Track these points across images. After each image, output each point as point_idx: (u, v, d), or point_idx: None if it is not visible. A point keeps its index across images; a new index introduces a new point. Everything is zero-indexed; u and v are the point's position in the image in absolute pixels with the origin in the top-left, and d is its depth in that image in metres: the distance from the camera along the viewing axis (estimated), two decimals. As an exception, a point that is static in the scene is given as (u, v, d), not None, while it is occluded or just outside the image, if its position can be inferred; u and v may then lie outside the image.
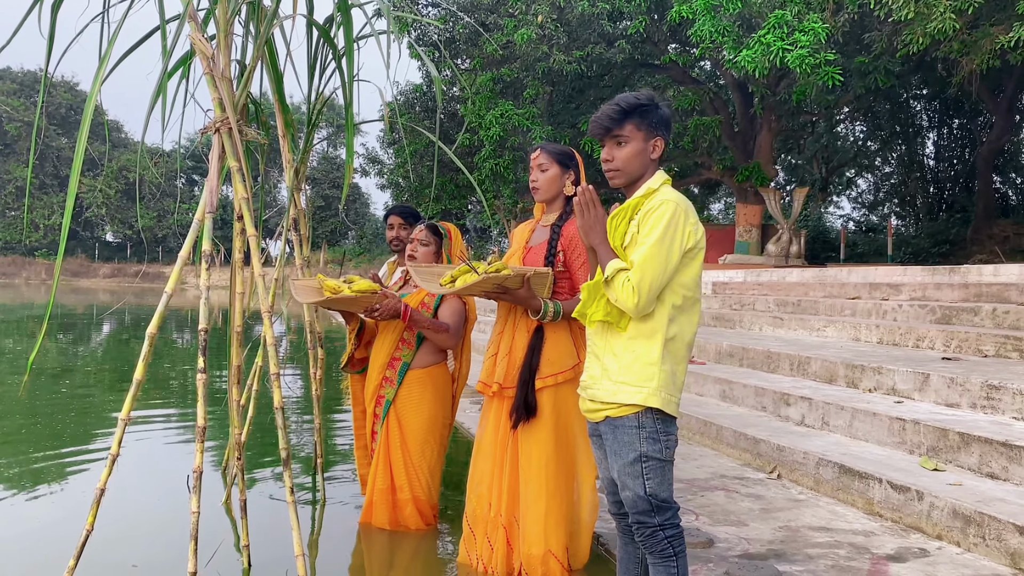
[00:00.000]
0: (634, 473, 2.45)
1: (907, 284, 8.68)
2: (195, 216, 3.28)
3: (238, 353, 3.45)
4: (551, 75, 17.94)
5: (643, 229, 2.40)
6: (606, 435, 2.53)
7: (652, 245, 2.36)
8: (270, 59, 3.83)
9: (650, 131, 2.50)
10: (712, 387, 6.45)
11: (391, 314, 3.66)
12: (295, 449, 5.90)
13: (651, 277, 2.35)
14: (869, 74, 14.85)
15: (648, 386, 2.42)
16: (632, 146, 2.50)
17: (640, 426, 2.44)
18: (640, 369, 2.43)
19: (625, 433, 2.46)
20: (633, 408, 2.44)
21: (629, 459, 2.45)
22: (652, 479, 2.45)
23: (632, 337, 2.45)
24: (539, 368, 3.28)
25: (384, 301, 3.62)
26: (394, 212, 4.58)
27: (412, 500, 3.90)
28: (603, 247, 2.47)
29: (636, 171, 2.52)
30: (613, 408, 2.47)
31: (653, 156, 2.51)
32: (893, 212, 30.54)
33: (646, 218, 2.40)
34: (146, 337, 3.10)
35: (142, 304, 27.55)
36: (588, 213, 2.48)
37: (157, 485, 4.85)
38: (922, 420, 4.37)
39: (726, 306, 11.08)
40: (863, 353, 6.32)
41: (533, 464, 3.28)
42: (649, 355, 2.43)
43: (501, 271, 3.03)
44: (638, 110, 2.49)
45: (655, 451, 2.45)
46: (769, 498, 4.28)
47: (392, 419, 3.90)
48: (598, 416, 2.54)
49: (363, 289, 3.59)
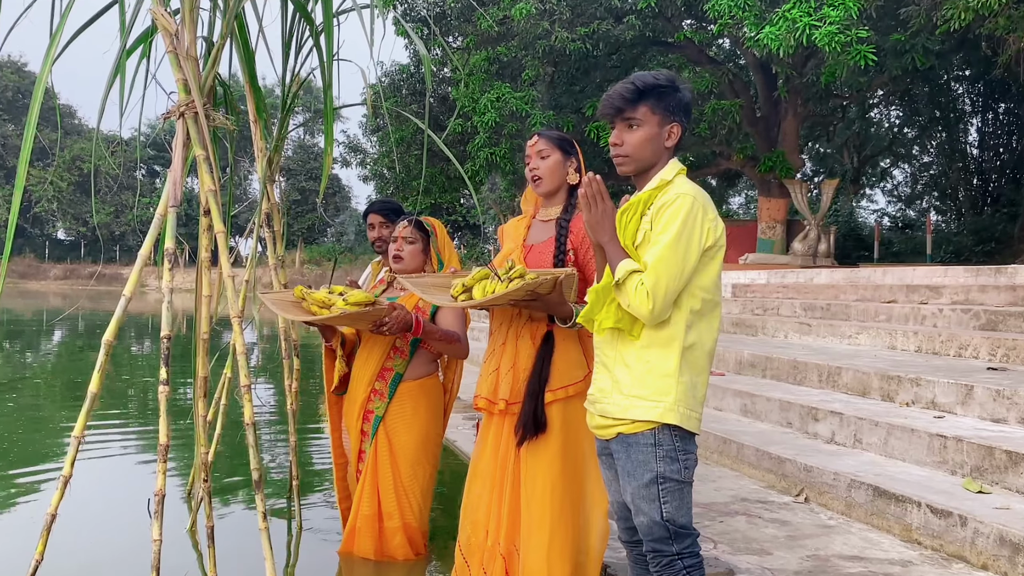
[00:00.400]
0: (650, 496, 2.44)
1: (948, 286, 8.70)
2: (157, 211, 3.28)
3: (204, 363, 3.45)
4: (553, 54, 17.93)
5: (657, 226, 2.38)
6: (618, 454, 2.51)
7: (667, 245, 2.34)
8: (240, 36, 3.83)
9: (666, 115, 2.48)
10: (732, 400, 6.45)
11: (403, 328, 3.58)
12: (268, 470, 5.89)
13: (667, 280, 2.33)
14: (906, 53, 14.87)
15: (664, 400, 2.40)
16: (645, 130, 2.48)
17: (656, 444, 2.43)
18: (655, 381, 2.41)
19: (640, 452, 2.44)
20: (648, 424, 2.43)
21: (644, 480, 2.44)
22: (670, 503, 2.43)
23: (646, 346, 2.43)
24: (550, 380, 3.26)
25: (393, 314, 3.53)
26: (373, 209, 4.51)
27: (402, 528, 3.87)
28: (612, 245, 2.45)
29: (648, 159, 2.50)
30: (626, 424, 2.46)
31: (668, 143, 2.50)
32: (932, 206, 30.62)
33: (660, 214, 2.38)
34: (102, 345, 3.10)
35: (97, 309, 27.52)
36: (596, 207, 2.45)
37: (115, 510, 4.84)
38: (965, 437, 4.38)
39: (747, 311, 11.09)
40: (900, 363, 6.32)
41: (538, 487, 3.25)
42: (665, 366, 2.41)
43: (525, 275, 2.97)
44: (655, 91, 2.47)
45: (673, 471, 2.43)
46: (795, 524, 4.28)
47: (382, 437, 3.87)
48: (609, 433, 2.53)
49: (359, 301, 3.46)
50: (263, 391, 9.88)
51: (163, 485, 3.02)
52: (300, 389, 4.66)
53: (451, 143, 21.44)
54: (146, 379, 10.91)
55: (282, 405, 6.73)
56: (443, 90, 23.87)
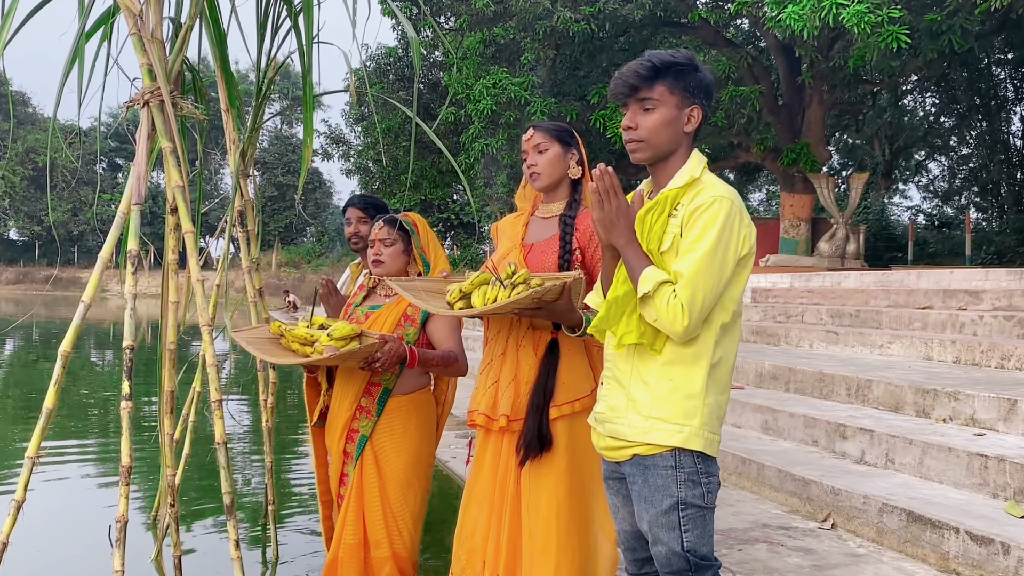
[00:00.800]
0: (669, 524, 2.41)
1: (989, 290, 8.72)
2: (119, 209, 3.28)
3: (171, 376, 3.45)
4: (554, 36, 17.96)
5: (690, 232, 2.33)
6: (633, 478, 2.48)
7: (705, 255, 2.29)
8: (211, 16, 3.83)
9: (686, 97, 2.45)
10: (752, 416, 6.46)
11: (396, 362, 3.56)
12: (242, 493, 5.89)
13: (703, 294, 2.29)
14: (942, 34, 14.90)
15: (690, 424, 2.38)
16: (662, 112, 2.44)
17: (677, 466, 2.40)
18: (679, 403, 2.39)
19: (659, 475, 2.42)
20: (668, 446, 2.40)
21: (664, 507, 2.41)
22: (691, 531, 2.41)
23: (670, 362, 2.40)
24: (554, 394, 3.25)
25: (385, 348, 3.50)
26: (352, 204, 4.52)
27: (391, 558, 3.84)
28: (631, 248, 2.39)
29: (665, 145, 2.46)
30: (641, 446, 2.44)
31: (687, 128, 2.46)
32: (972, 203, 30.70)
33: (694, 218, 2.34)
34: (59, 357, 3.10)
35: (53, 316, 27.51)
36: (609, 203, 2.39)
37: (73, 537, 4.84)
38: (1008, 456, 4.38)
39: (769, 317, 11.10)
40: (936, 375, 6.33)
41: (542, 511, 3.23)
42: (691, 385, 2.39)
43: (530, 280, 2.95)
44: (673, 69, 2.43)
45: (695, 497, 2.41)
46: (821, 552, 4.29)
47: (368, 458, 3.84)
48: (622, 455, 2.50)
49: (345, 335, 3.40)
50: (236, 406, 9.88)
51: (126, 510, 3.02)
52: (277, 404, 4.65)
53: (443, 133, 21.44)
54: (107, 393, 10.90)
55: (257, 422, 6.73)
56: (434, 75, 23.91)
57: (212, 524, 5.10)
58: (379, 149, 23.82)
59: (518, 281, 2.92)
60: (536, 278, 2.97)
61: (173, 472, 3.48)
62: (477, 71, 18.13)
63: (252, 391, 8.67)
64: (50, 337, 20.12)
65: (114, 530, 3.02)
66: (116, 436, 6.38)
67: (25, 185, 54.89)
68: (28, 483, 3.07)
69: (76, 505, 5.66)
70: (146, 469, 6.19)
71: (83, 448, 7.51)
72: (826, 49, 17.48)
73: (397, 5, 18.56)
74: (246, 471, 6.74)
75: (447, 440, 7.03)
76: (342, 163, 42.09)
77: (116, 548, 2.99)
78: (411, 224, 3.89)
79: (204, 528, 5.04)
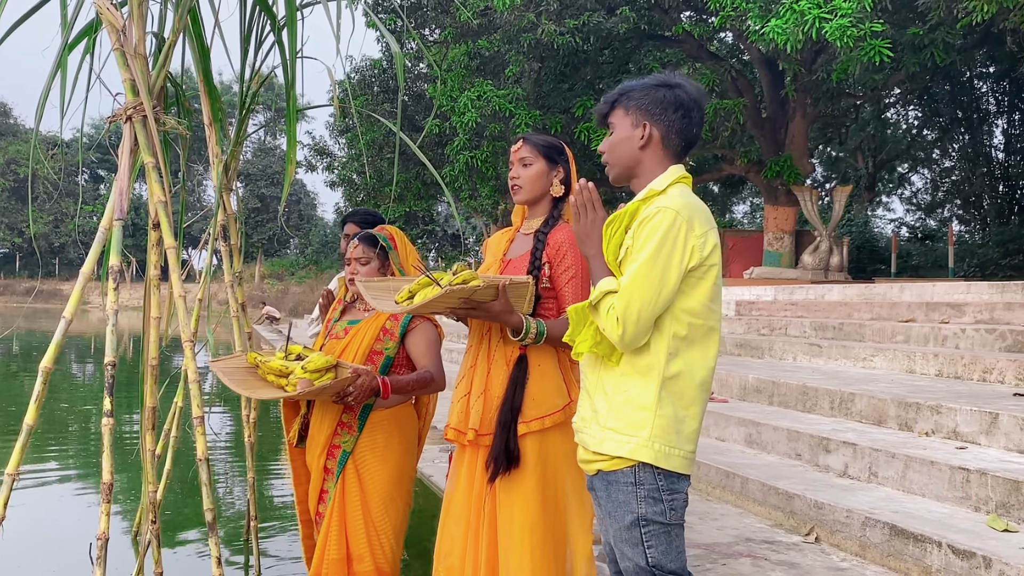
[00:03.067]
0: (632, 540, 2.44)
1: (971, 304, 8.77)
2: (101, 223, 3.27)
3: (152, 392, 3.44)
4: (539, 49, 18.00)
5: (636, 243, 2.40)
6: (597, 493, 2.53)
7: (641, 265, 2.35)
8: (194, 31, 3.84)
9: (639, 116, 2.55)
10: (736, 430, 6.48)
11: (369, 394, 3.57)
12: (224, 509, 5.87)
13: (639, 305, 2.34)
14: (924, 48, 15.02)
15: (638, 435, 2.40)
16: (617, 133, 2.59)
17: (637, 483, 2.43)
18: (630, 413, 2.42)
19: (619, 491, 2.45)
20: (627, 461, 2.42)
21: (625, 523, 2.44)
22: (655, 547, 2.43)
23: (625, 374, 2.45)
24: (522, 409, 3.25)
25: (357, 382, 3.51)
26: (351, 219, 4.61)
27: (374, 572, 3.84)
28: (597, 260, 2.50)
29: (623, 161, 2.58)
30: (605, 460, 2.46)
31: (640, 144, 2.54)
32: (955, 215, 30.90)
33: (640, 229, 2.40)
34: (39, 373, 3.09)
35: (34, 329, 27.34)
36: (585, 216, 2.51)
37: (54, 555, 4.81)
38: (990, 470, 4.41)
39: (752, 330, 11.14)
40: (919, 388, 6.37)
41: (515, 528, 3.23)
42: (643, 397, 2.42)
43: (470, 281, 2.97)
44: (628, 93, 2.58)
45: (656, 513, 2.42)
46: (805, 567, 4.30)
47: (350, 473, 3.83)
48: (590, 469, 2.54)
49: (320, 367, 3.44)
50: (218, 421, 9.84)
51: (107, 527, 3.01)
52: (260, 419, 4.65)
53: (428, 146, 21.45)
54: (88, 408, 10.84)
55: (239, 436, 6.71)
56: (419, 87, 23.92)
57: (194, 540, 5.07)
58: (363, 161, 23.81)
59: (456, 282, 2.94)
60: (477, 279, 3.00)
61: (155, 489, 3.46)
62: (462, 83, 18.16)
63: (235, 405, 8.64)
64: (31, 350, 20.00)
65: (95, 547, 3.00)
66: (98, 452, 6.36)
67: (6, 196, 54.60)
68: (8, 500, 3.05)
69: (57, 522, 5.63)
70: (128, 485, 6.16)
71: (65, 463, 7.47)
72: (809, 62, 17.59)
73: (381, 18, 18.59)
74: (229, 485, 6.72)
75: (430, 454, 7.03)
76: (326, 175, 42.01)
77: (97, 566, 2.98)
78: (388, 240, 3.89)
79: (186, 545, 5.02)
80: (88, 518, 5.43)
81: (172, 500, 5.50)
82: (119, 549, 4.56)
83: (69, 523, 5.58)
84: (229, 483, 6.82)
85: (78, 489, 6.61)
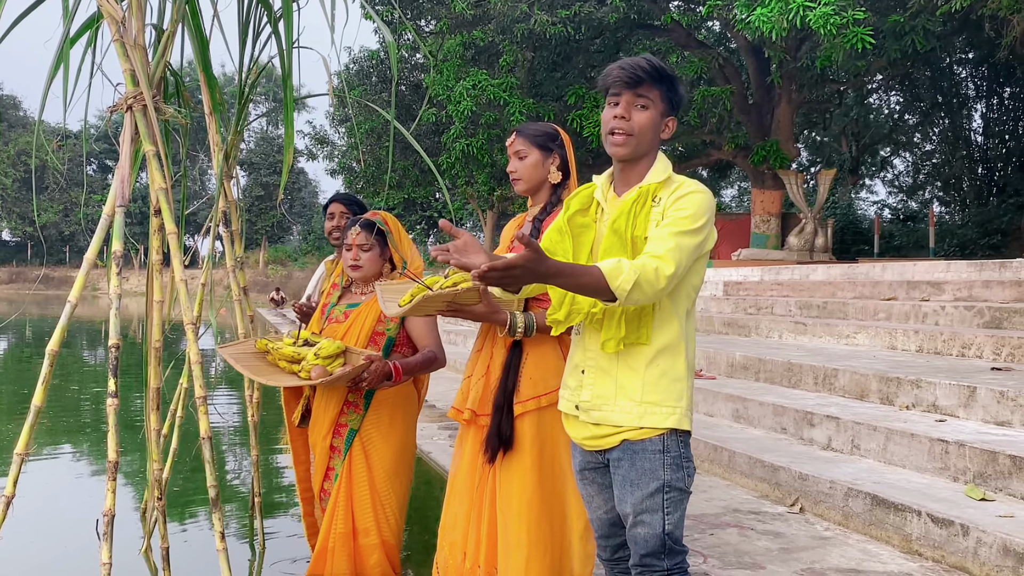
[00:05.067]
0: (654, 506, 2.45)
1: (951, 282, 8.78)
2: (104, 210, 3.26)
3: (157, 373, 3.44)
4: (532, 39, 17.93)
5: (680, 212, 2.37)
6: (620, 463, 2.50)
7: (690, 231, 2.35)
8: (193, 22, 3.81)
9: (669, 107, 2.53)
10: (723, 405, 6.49)
11: (382, 380, 3.61)
12: (232, 487, 5.88)
13: (685, 262, 2.33)
14: (905, 35, 14.97)
15: (680, 405, 2.45)
16: (652, 114, 2.47)
17: (665, 450, 2.45)
18: (669, 386, 2.45)
19: (647, 459, 2.46)
20: (658, 430, 2.45)
21: (650, 489, 2.45)
22: (672, 513, 2.46)
23: (659, 350, 2.45)
24: (519, 390, 3.27)
25: (371, 368, 3.52)
26: (337, 199, 4.64)
27: (380, 545, 3.86)
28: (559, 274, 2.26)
29: (645, 144, 2.50)
30: (634, 431, 2.46)
31: (664, 135, 2.54)
32: (935, 197, 30.92)
33: (679, 202, 2.39)
34: (46, 356, 3.08)
35: (46, 315, 27.29)
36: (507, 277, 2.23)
37: (62, 531, 4.81)
38: (968, 442, 4.42)
39: (740, 310, 11.15)
40: (899, 364, 6.38)
41: (513, 505, 3.25)
42: (677, 369, 2.46)
43: (459, 284, 2.97)
44: (669, 79, 2.50)
45: (678, 480, 2.46)
46: (790, 536, 4.32)
47: (357, 451, 3.86)
48: (610, 441, 2.51)
49: (331, 353, 3.48)
50: (224, 402, 9.84)
51: (113, 504, 3.00)
52: (264, 400, 4.65)
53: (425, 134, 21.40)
54: (97, 389, 10.84)
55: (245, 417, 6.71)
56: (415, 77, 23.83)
57: (199, 517, 5.08)
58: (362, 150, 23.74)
59: (447, 285, 2.92)
60: (465, 283, 2.93)
61: (160, 467, 3.46)
62: (457, 73, 18.10)
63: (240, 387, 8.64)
64: (42, 335, 19.97)
65: (102, 524, 3.00)
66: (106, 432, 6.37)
67: (16, 187, 54.38)
68: (17, 479, 3.05)
69: (66, 499, 5.63)
70: (138, 464, 6.15)
71: (75, 443, 7.47)
72: (794, 50, 17.55)
73: (377, 10, 18.49)
74: (235, 465, 6.72)
75: (430, 432, 7.04)
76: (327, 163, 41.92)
77: (104, 541, 2.98)
78: (385, 224, 3.89)
79: (192, 521, 5.03)
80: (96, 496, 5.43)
81: (179, 478, 5.51)
82: (128, 525, 4.57)
83: (80, 501, 5.58)
84: (238, 461, 6.82)
85: (88, 467, 6.62)
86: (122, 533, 3.48)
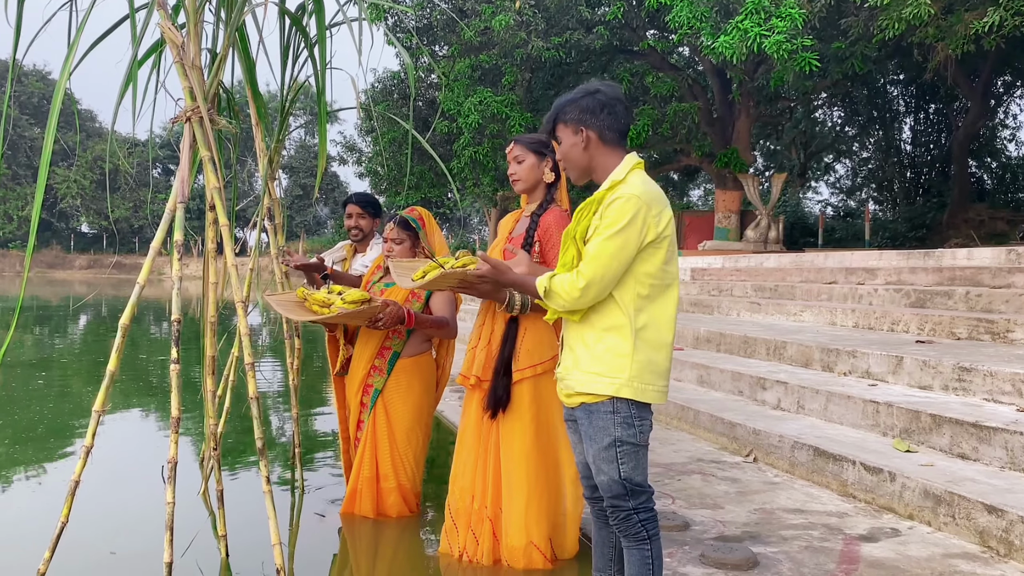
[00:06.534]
0: (608, 458, 2.49)
1: (883, 268, 8.78)
2: (167, 206, 3.26)
3: (212, 343, 3.45)
4: (529, 61, 17.85)
5: (603, 223, 2.40)
6: (581, 420, 2.56)
7: (607, 238, 2.38)
8: (242, 47, 3.80)
9: (575, 124, 2.56)
10: (690, 372, 6.50)
11: (396, 321, 3.64)
12: (277, 442, 5.90)
13: (603, 270, 2.38)
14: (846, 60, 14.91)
15: (620, 377, 2.44)
16: (564, 142, 2.59)
17: (615, 411, 2.47)
18: (611, 360, 2.45)
19: (600, 419, 2.49)
20: (603, 396, 2.47)
21: (604, 444, 2.49)
22: (626, 463, 2.48)
23: (605, 329, 2.47)
24: (517, 359, 3.30)
25: (387, 310, 3.58)
26: (352, 200, 4.66)
27: (397, 488, 3.93)
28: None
29: (577, 163, 2.58)
30: (588, 396, 2.50)
31: (583, 147, 2.54)
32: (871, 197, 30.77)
33: (607, 211, 2.40)
34: (119, 329, 3.09)
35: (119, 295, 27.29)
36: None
37: (133, 476, 4.83)
38: (895, 403, 4.44)
39: (704, 292, 11.15)
40: (839, 337, 6.38)
41: (514, 456, 3.31)
42: (621, 347, 2.45)
43: (468, 266, 2.99)
44: (560, 110, 2.60)
45: (629, 436, 2.48)
46: (745, 481, 4.33)
47: (380, 408, 3.92)
48: (573, 402, 2.57)
49: (356, 299, 3.51)
50: (269, 368, 9.86)
51: (175, 453, 3.02)
52: (302, 367, 4.66)
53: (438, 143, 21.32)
54: (161, 357, 10.85)
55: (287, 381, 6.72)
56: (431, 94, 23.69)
57: (249, 465, 5.10)
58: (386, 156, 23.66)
59: (456, 266, 2.94)
60: (473, 264, 2.96)
61: (215, 422, 3.48)
62: (466, 91, 18.04)
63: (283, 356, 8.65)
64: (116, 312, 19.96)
65: (166, 470, 3.02)
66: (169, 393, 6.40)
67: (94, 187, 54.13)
68: (95, 432, 3.06)
69: (136, 450, 5.65)
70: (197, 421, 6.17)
71: (143, 403, 7.49)
72: (752, 72, 17.46)
73: (398, 37, 18.43)
74: (279, 422, 6.74)
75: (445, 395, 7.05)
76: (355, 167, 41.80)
77: (168, 484, 2.99)
78: (418, 222, 3.93)
79: (242, 468, 5.05)
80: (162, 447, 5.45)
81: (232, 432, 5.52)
82: (189, 472, 4.59)
83: (146, 450, 5.60)
84: (280, 420, 6.84)
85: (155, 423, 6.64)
86: (183, 478, 3.51)
